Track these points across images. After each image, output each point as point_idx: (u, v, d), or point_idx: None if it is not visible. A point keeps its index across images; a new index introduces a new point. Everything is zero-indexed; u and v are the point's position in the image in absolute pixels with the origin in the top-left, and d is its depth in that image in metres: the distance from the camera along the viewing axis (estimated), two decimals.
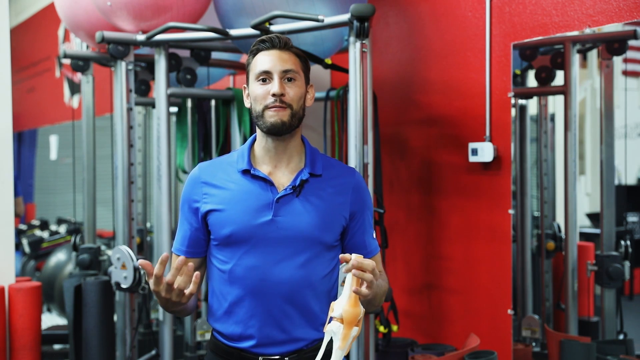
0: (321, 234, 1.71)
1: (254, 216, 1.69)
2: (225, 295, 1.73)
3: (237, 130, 3.30)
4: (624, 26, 2.63)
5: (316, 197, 1.72)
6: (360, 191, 1.79)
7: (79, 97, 5.80)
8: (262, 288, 1.68)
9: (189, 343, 3.46)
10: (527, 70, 3.06)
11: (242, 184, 1.72)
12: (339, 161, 1.89)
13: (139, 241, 3.68)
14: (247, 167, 1.73)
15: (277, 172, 1.74)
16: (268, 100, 1.68)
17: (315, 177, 1.74)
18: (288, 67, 1.69)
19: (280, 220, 1.69)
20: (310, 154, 1.78)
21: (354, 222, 1.78)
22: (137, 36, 2.96)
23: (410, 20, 3.22)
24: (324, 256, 1.73)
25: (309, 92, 1.77)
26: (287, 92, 1.69)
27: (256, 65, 1.71)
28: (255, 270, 1.69)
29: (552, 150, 3.22)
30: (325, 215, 1.72)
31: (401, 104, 3.26)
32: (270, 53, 1.70)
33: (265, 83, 1.69)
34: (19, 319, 3.16)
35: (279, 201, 1.70)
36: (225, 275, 1.72)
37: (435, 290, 3.13)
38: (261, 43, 1.72)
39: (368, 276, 1.49)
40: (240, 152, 1.78)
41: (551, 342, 2.85)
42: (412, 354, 2.94)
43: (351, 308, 1.50)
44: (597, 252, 2.86)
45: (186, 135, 3.36)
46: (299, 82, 1.71)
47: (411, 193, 3.22)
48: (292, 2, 2.70)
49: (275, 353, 1.71)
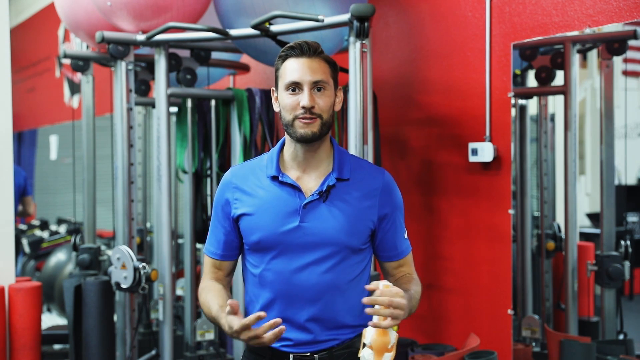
0: (348, 238, 1.72)
1: (282, 223, 1.71)
2: (258, 298, 1.76)
3: (237, 130, 3.30)
4: (624, 26, 2.63)
5: (343, 202, 1.73)
6: (390, 192, 1.79)
7: (79, 97, 5.80)
8: (289, 292, 1.71)
9: (189, 343, 3.46)
10: (527, 70, 3.06)
11: (270, 190, 1.74)
12: (369, 162, 1.89)
13: (139, 241, 3.68)
14: (275, 174, 1.74)
15: (306, 177, 1.75)
16: (298, 111, 1.68)
17: (342, 181, 1.74)
18: (318, 78, 1.68)
19: (307, 226, 1.71)
20: (339, 157, 1.77)
21: (384, 223, 1.77)
22: (137, 36, 2.96)
23: (410, 20, 3.22)
24: (352, 260, 1.74)
25: (338, 96, 1.77)
26: (317, 102, 1.68)
27: (285, 73, 1.70)
28: (282, 275, 1.72)
29: (552, 150, 3.22)
30: (352, 220, 1.72)
31: (401, 104, 3.26)
32: (299, 61, 1.69)
33: (295, 93, 1.69)
34: (19, 319, 3.16)
35: (306, 207, 1.71)
36: (257, 279, 1.76)
37: (435, 290, 3.13)
38: (290, 50, 1.71)
39: (387, 312, 1.52)
40: (270, 157, 1.79)
41: (551, 342, 2.85)
42: (412, 354, 2.94)
43: (379, 337, 1.53)
44: (597, 252, 2.86)
45: (186, 135, 3.36)
46: (328, 91, 1.71)
47: (411, 193, 3.22)
48: (292, 2, 2.70)
49: (306, 351, 1.74)
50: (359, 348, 1.70)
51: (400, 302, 1.54)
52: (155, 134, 3.00)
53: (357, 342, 1.76)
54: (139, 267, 2.88)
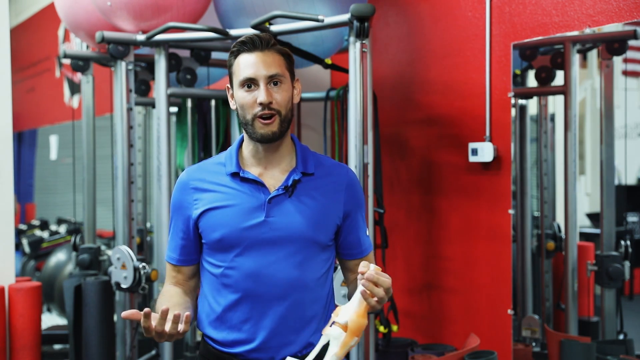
0: (315, 233, 1.68)
1: (245, 218, 1.65)
2: (218, 300, 1.69)
3: (237, 130, 3.30)
4: (624, 26, 2.63)
5: (309, 197, 1.68)
6: (354, 188, 1.76)
7: (79, 97, 5.80)
8: (256, 291, 1.65)
9: (189, 343, 3.46)
10: (527, 70, 3.06)
11: (231, 186, 1.68)
12: (329, 158, 1.83)
13: (139, 241, 3.68)
14: (236, 170, 1.69)
15: (268, 174, 1.70)
16: (256, 109, 1.63)
17: (308, 176, 1.71)
18: (273, 72, 1.63)
19: (272, 221, 1.65)
20: (301, 152, 1.73)
21: (349, 220, 1.74)
22: (137, 36, 2.96)
23: (410, 20, 3.22)
24: (319, 257, 1.70)
25: (296, 88, 1.72)
26: (275, 97, 1.63)
27: (239, 69, 1.66)
28: (248, 272, 1.65)
29: (552, 150, 3.22)
30: (319, 215, 1.68)
31: (401, 104, 3.26)
32: (252, 56, 1.64)
33: (250, 90, 1.64)
34: (19, 319, 3.16)
35: (271, 202, 1.66)
36: (218, 280, 1.69)
37: (435, 290, 3.13)
38: (242, 45, 1.66)
39: (379, 292, 1.47)
40: (229, 154, 1.73)
41: (551, 342, 2.85)
42: (412, 354, 2.94)
43: (358, 318, 1.48)
44: (597, 252, 2.86)
45: (186, 135, 3.36)
46: (285, 84, 1.66)
47: (411, 193, 3.22)
48: (292, 2, 2.70)
49: (268, 358, 1.67)
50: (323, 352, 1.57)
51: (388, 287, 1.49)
52: (155, 134, 3.00)
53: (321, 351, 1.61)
54: (139, 267, 2.88)
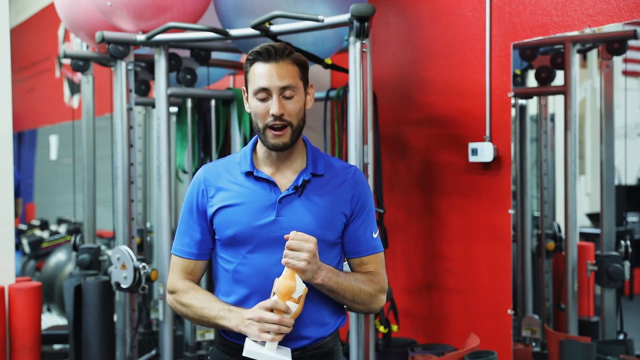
0: (323, 232, 1.72)
1: (257, 217, 1.72)
2: (230, 294, 1.75)
3: (237, 130, 3.30)
4: (624, 26, 2.63)
5: (318, 197, 1.74)
6: (361, 188, 1.80)
7: (79, 97, 5.80)
8: (265, 287, 1.69)
9: (189, 343, 3.47)
10: (527, 70, 3.06)
11: (245, 185, 1.75)
12: (339, 159, 1.90)
13: (139, 241, 3.68)
14: (250, 169, 1.75)
15: (280, 174, 1.77)
16: (268, 119, 1.69)
17: (317, 176, 1.77)
18: (286, 83, 1.68)
19: (282, 220, 1.71)
20: (312, 154, 1.80)
21: (355, 219, 1.79)
22: (137, 36, 2.96)
23: (410, 20, 3.22)
24: (327, 254, 1.74)
25: (309, 93, 1.77)
26: (287, 109, 1.69)
27: (254, 78, 1.70)
28: (258, 269, 1.71)
29: (552, 150, 3.22)
30: (327, 214, 1.74)
31: (401, 104, 3.26)
32: (267, 66, 1.68)
33: (264, 100, 1.69)
34: (19, 319, 3.16)
35: (282, 201, 1.72)
36: (230, 275, 1.75)
37: (435, 290, 3.13)
38: (257, 54, 1.70)
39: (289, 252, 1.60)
40: (243, 154, 1.80)
41: (551, 342, 2.85)
42: (412, 354, 2.94)
43: (283, 280, 1.61)
44: (597, 252, 2.86)
45: (186, 135, 3.36)
46: (297, 95, 1.71)
47: (411, 193, 3.22)
48: (292, 2, 2.70)
49: None
50: (331, 348, 1.73)
51: (306, 245, 1.60)
52: (155, 134, 3.00)
53: (330, 342, 1.76)
54: (139, 267, 2.88)
